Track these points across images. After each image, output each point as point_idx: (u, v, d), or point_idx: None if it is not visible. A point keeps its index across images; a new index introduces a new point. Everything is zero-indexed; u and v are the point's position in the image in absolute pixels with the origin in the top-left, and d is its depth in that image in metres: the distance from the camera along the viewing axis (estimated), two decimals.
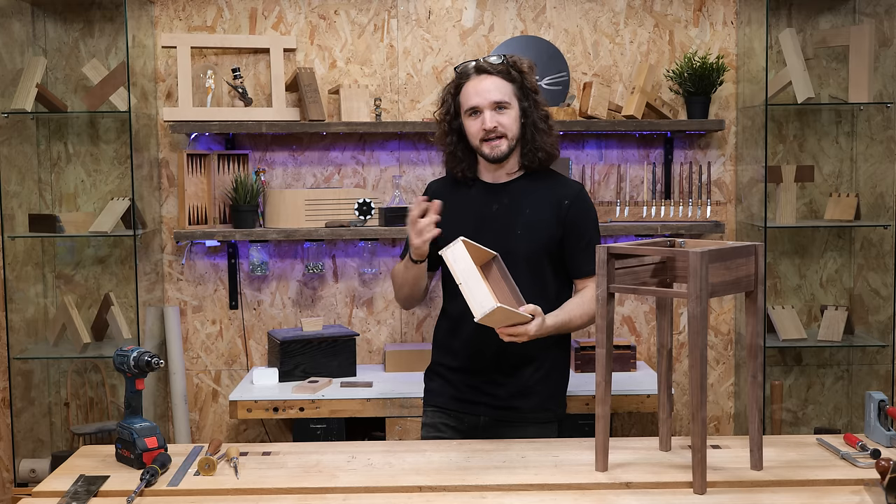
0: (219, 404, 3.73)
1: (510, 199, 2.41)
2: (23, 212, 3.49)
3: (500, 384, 2.41)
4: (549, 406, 2.46)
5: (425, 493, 1.90)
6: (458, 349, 2.45)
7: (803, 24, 3.62)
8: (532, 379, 2.41)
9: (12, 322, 3.46)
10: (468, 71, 2.38)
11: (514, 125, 2.36)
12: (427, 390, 2.56)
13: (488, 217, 2.41)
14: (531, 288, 2.28)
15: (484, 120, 2.34)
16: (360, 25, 3.62)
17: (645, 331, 3.75)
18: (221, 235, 3.44)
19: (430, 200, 2.39)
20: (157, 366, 2.06)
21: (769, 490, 1.90)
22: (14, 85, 3.40)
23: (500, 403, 2.41)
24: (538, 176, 2.44)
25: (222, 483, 1.95)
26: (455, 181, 2.51)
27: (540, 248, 2.38)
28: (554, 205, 2.39)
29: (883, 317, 3.63)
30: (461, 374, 2.45)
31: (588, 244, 2.38)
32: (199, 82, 3.51)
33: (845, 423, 3.76)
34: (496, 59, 2.37)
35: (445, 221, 2.33)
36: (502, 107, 2.35)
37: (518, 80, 2.38)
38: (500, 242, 2.30)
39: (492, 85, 2.35)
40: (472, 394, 2.43)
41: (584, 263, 2.39)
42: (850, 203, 3.50)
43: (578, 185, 2.46)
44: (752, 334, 1.99)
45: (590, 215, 2.43)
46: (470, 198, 2.45)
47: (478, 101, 2.34)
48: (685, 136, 3.67)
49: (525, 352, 2.35)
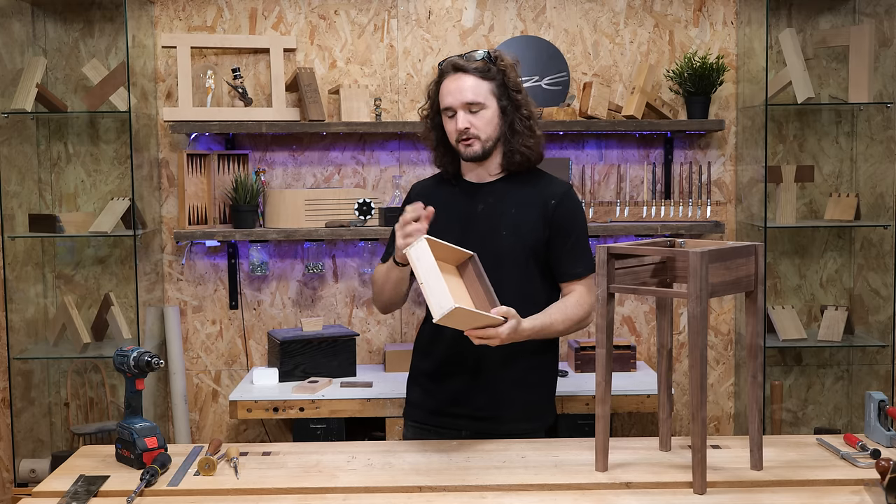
0: (219, 404, 3.73)
1: (495, 199, 2.34)
2: (23, 212, 3.49)
3: (479, 392, 2.32)
4: (532, 417, 2.38)
5: (425, 493, 1.89)
6: (437, 355, 2.37)
7: (803, 24, 3.62)
8: (514, 387, 2.33)
9: (12, 322, 3.46)
10: (447, 68, 2.31)
11: (488, 126, 2.28)
12: (407, 402, 2.48)
13: (473, 217, 2.34)
14: (518, 290, 2.22)
15: (457, 120, 2.28)
16: (360, 25, 3.62)
17: (645, 331, 3.75)
18: (221, 235, 3.44)
19: (414, 202, 2.33)
20: (157, 366, 2.06)
21: (769, 490, 1.90)
22: (14, 85, 3.40)
23: (480, 414, 2.33)
24: (524, 176, 2.37)
25: (222, 483, 1.95)
26: (439, 181, 2.46)
27: (526, 250, 2.30)
28: (540, 205, 2.32)
29: (883, 317, 3.63)
30: (440, 381, 2.37)
31: (574, 246, 2.32)
32: (199, 82, 3.51)
33: (845, 423, 3.76)
34: (480, 53, 2.29)
35: (431, 222, 2.26)
36: (476, 107, 2.27)
37: (498, 78, 2.29)
38: (486, 243, 2.26)
39: (466, 84, 2.26)
40: (452, 405, 2.35)
41: (569, 266, 2.32)
42: (850, 203, 3.50)
43: (566, 185, 2.38)
44: (752, 334, 1.99)
45: (577, 216, 2.35)
46: (454, 198, 2.38)
47: (450, 102, 2.28)
48: (685, 136, 3.67)
49: (505, 358, 2.28)
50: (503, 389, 2.33)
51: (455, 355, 2.33)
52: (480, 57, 2.29)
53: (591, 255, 2.34)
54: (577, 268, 2.32)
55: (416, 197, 2.42)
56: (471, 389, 2.33)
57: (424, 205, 2.25)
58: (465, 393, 2.34)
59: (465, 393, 2.33)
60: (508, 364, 2.31)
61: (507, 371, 2.32)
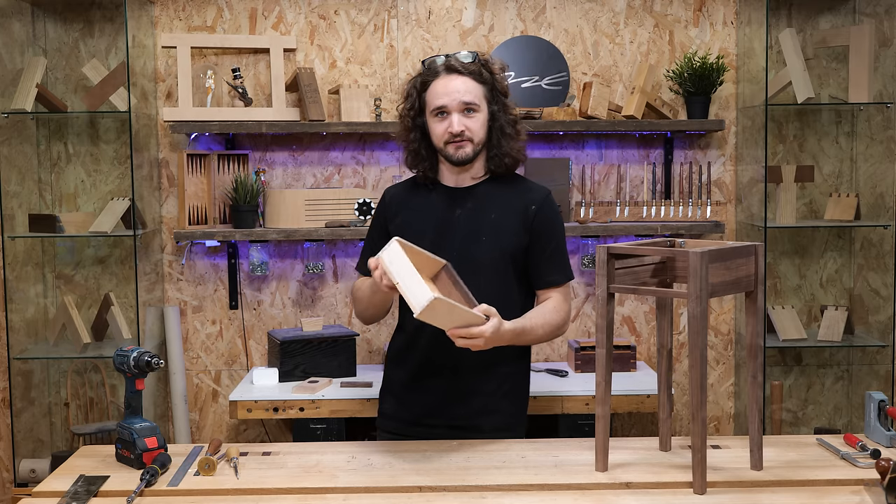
0: (219, 404, 3.73)
1: (475, 204, 2.29)
2: (23, 212, 3.49)
3: (455, 402, 2.29)
4: (510, 426, 2.33)
5: (425, 493, 1.89)
6: (411, 364, 2.32)
7: (803, 24, 3.62)
8: (491, 396, 2.30)
9: (12, 322, 3.46)
10: (437, 68, 2.25)
11: (481, 129, 2.24)
12: (380, 413, 2.43)
13: (452, 223, 2.28)
14: (497, 297, 2.13)
15: (451, 123, 2.21)
16: (360, 25, 3.62)
17: (645, 331, 3.75)
18: (221, 235, 3.44)
19: (387, 206, 2.32)
20: (157, 366, 2.06)
21: (769, 490, 1.90)
22: (14, 85, 3.40)
23: (457, 424, 2.28)
24: (503, 180, 2.33)
25: (222, 483, 1.95)
26: (414, 185, 2.39)
27: (506, 256, 2.26)
28: (520, 210, 2.28)
29: (883, 317, 3.63)
30: (414, 391, 2.33)
31: (552, 254, 2.28)
32: (199, 82, 3.51)
33: (845, 423, 3.76)
34: (468, 56, 2.25)
35: (407, 228, 2.25)
36: (471, 109, 2.23)
37: (489, 82, 2.26)
38: (465, 249, 2.23)
39: (462, 86, 2.22)
40: (427, 416, 2.31)
41: (547, 273, 2.28)
42: (850, 203, 3.50)
43: (545, 191, 2.33)
44: (752, 334, 1.99)
45: (556, 223, 2.31)
46: (431, 203, 2.32)
47: (446, 102, 2.22)
48: (685, 136, 3.67)
49: (482, 367, 2.25)
50: (480, 398, 2.30)
51: (430, 364, 2.29)
52: (469, 59, 2.25)
53: (568, 264, 2.32)
54: (555, 275, 2.29)
55: (391, 202, 2.38)
56: (447, 399, 2.30)
57: (400, 209, 2.23)
58: (440, 402, 2.30)
59: (441, 402, 2.30)
60: (485, 372, 2.28)
61: (484, 380, 2.29)
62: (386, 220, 2.38)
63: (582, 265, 3.66)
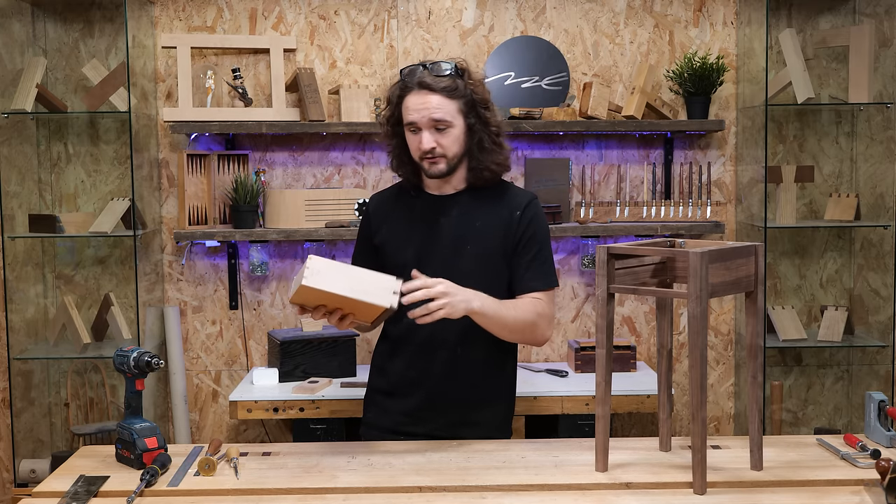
0: (219, 404, 3.73)
1: (459, 212, 2.27)
2: (23, 212, 3.49)
3: (439, 410, 2.27)
4: (494, 433, 2.31)
5: (425, 493, 1.90)
6: (395, 372, 2.32)
7: (803, 24, 3.62)
8: (475, 404, 2.28)
9: (12, 322, 3.46)
10: (410, 82, 2.20)
11: (454, 145, 2.20)
12: (363, 421, 2.42)
13: (436, 231, 2.26)
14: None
15: (421, 140, 2.19)
16: (360, 26, 3.62)
17: (645, 331, 3.75)
18: (221, 236, 3.44)
19: (370, 217, 2.32)
20: (157, 366, 2.06)
21: (769, 490, 1.90)
22: (14, 85, 3.40)
23: (441, 434, 2.25)
24: (488, 187, 2.30)
25: (222, 483, 1.95)
26: (399, 193, 2.37)
27: (491, 263, 2.24)
28: (505, 216, 2.25)
29: (883, 317, 3.63)
30: (398, 399, 2.32)
31: (534, 259, 2.24)
32: (199, 82, 3.51)
33: (845, 423, 3.76)
34: (446, 67, 2.19)
35: (392, 237, 2.24)
36: (443, 126, 2.18)
37: (466, 95, 2.19)
38: (451, 257, 2.22)
39: (433, 102, 2.17)
40: (411, 424, 2.29)
41: (529, 279, 2.24)
42: (850, 203, 3.50)
43: (530, 195, 2.31)
44: (752, 334, 1.99)
45: (540, 228, 2.27)
46: (415, 211, 2.30)
47: (415, 119, 2.18)
48: (685, 136, 3.67)
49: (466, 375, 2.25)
50: (464, 406, 2.29)
51: (413, 372, 2.29)
52: (447, 71, 2.19)
53: (552, 271, 2.29)
54: (536, 281, 2.25)
55: (375, 210, 2.37)
56: (430, 407, 2.28)
57: (385, 220, 2.24)
58: (424, 411, 2.29)
59: (425, 411, 2.29)
60: (469, 380, 2.27)
61: (468, 387, 2.28)
62: (371, 231, 2.37)
63: (582, 265, 3.66)
